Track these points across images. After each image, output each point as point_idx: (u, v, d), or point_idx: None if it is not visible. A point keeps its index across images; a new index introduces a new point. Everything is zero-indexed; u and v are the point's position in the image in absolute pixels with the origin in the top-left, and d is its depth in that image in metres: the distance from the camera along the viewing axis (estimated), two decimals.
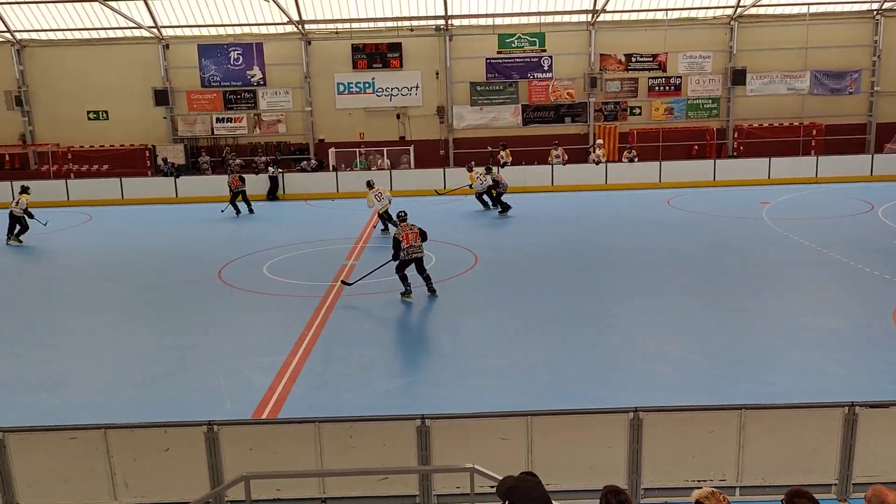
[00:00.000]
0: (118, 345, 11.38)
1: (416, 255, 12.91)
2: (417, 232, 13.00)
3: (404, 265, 12.97)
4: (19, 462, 6.72)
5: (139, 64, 28.42)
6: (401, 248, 12.81)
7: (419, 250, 12.95)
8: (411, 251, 12.86)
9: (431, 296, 13.08)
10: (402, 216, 13.63)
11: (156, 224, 21.77)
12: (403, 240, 12.82)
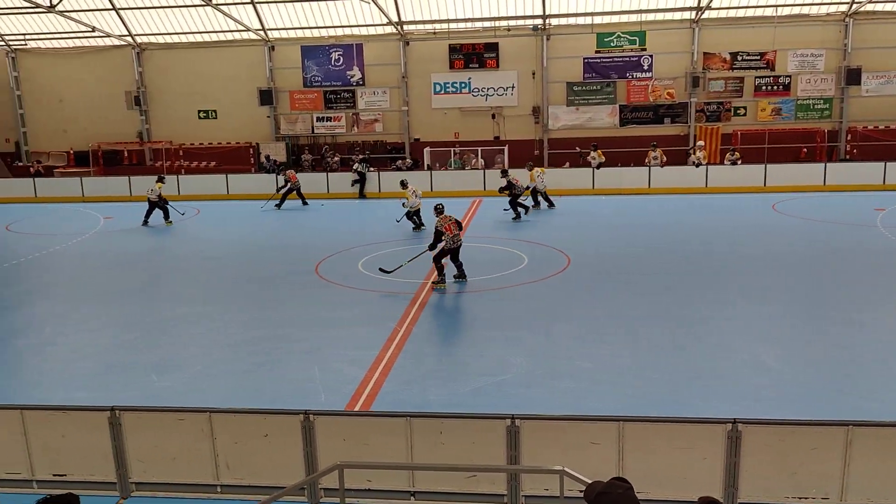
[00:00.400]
0: (222, 333, 11.92)
1: (459, 244, 13.73)
2: (456, 222, 13.83)
3: (445, 254, 13.71)
4: (132, 439, 7.16)
5: (246, 65, 29.64)
6: (442, 238, 13.54)
7: (460, 239, 13.80)
8: (454, 240, 13.65)
9: (461, 281, 13.94)
10: (440, 208, 14.37)
11: (258, 218, 22.63)
12: (446, 231, 13.54)
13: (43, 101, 30.97)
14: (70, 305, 13.98)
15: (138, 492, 7.23)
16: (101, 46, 30.06)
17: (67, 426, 7.25)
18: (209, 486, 7.13)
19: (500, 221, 20.87)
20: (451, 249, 13.67)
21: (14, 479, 7.35)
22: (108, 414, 7.12)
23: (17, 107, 31.06)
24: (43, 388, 9.74)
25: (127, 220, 23.14)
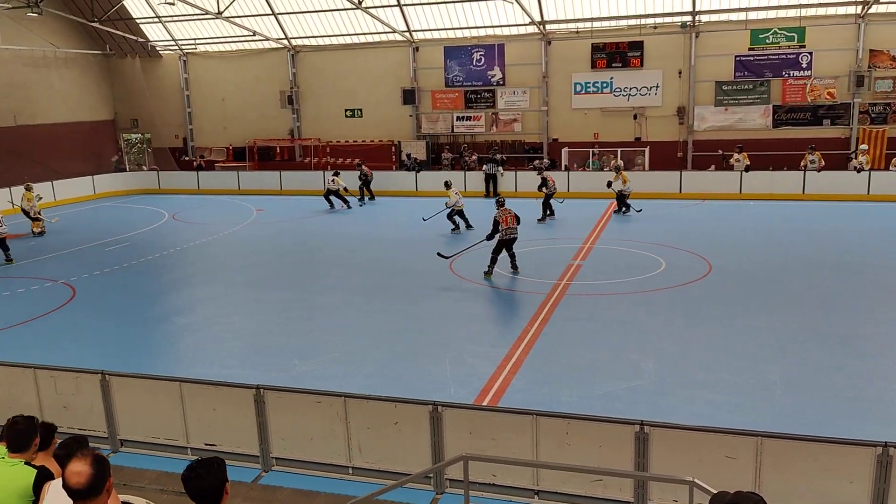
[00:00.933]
0: (361, 323, 12.43)
1: (513, 236, 14.63)
2: (514, 216, 14.70)
3: (502, 244, 14.62)
4: (274, 417, 7.64)
5: (391, 65, 30.61)
6: (499, 229, 14.49)
7: (515, 231, 14.68)
8: (509, 232, 14.56)
9: (514, 272, 14.82)
10: (501, 201, 15.48)
11: (399, 215, 23.29)
12: (503, 222, 14.50)
13: (207, 100, 33.47)
14: (225, 290, 15.06)
15: (278, 466, 7.71)
16: (260, 49, 32.05)
17: (218, 400, 7.85)
18: (341, 466, 7.48)
19: (636, 225, 20.33)
20: (505, 240, 14.59)
21: (172, 444, 8.05)
22: (253, 392, 7.63)
23: (186, 106, 33.75)
24: (199, 364, 10.57)
25: (277, 213, 24.60)
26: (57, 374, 8.41)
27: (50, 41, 29.51)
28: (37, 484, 4.35)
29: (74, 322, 13.16)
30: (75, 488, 3.15)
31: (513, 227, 14.65)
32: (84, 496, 3.18)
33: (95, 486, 3.19)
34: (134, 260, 17.92)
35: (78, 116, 31.78)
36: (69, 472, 3.16)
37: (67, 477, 3.16)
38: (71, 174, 29.03)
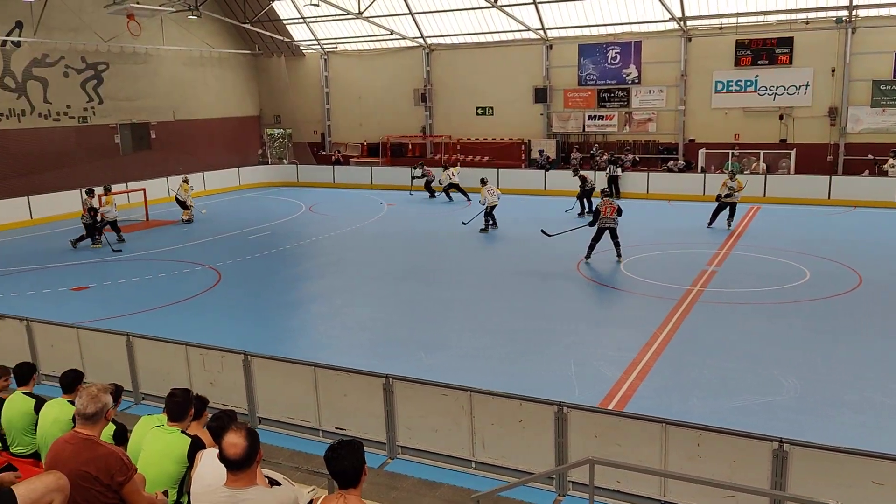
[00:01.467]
0: (486, 319, 12.53)
1: (610, 226, 15.86)
2: (616, 207, 15.94)
3: (601, 233, 15.91)
4: (401, 407, 7.86)
5: (523, 64, 30.54)
6: (599, 218, 15.85)
7: (613, 222, 15.87)
8: (606, 221, 15.85)
9: (618, 260, 15.85)
10: (607, 192, 17.31)
11: (526, 212, 23.22)
12: (603, 212, 15.82)
13: (345, 97, 34.74)
14: (356, 281, 15.62)
15: (403, 454, 7.92)
16: (396, 48, 32.90)
17: (349, 387, 8.16)
18: (465, 460, 7.59)
19: (778, 231, 19.22)
20: (604, 228, 15.87)
21: (306, 426, 8.46)
22: (382, 381, 7.89)
23: (325, 103, 35.21)
24: (330, 350, 11.02)
25: (407, 208, 25.20)
26: (205, 353, 9.05)
27: (207, 42, 31.64)
28: (191, 451, 4.71)
29: (220, 304, 14.09)
30: (232, 459, 3.40)
31: (611, 217, 15.87)
32: (238, 466, 3.42)
33: (249, 458, 3.42)
34: (273, 248, 18.92)
35: (228, 112, 33.89)
36: (226, 444, 3.41)
37: (225, 448, 3.41)
38: (219, 166, 31.10)
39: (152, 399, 9.55)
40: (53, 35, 25.38)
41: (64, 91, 26.40)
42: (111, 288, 15.37)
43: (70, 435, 4.04)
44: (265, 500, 3.49)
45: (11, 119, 24.71)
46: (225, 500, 3.46)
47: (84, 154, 26.98)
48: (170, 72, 30.60)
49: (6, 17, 24.06)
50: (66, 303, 14.15)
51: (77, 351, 9.92)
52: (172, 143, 30.52)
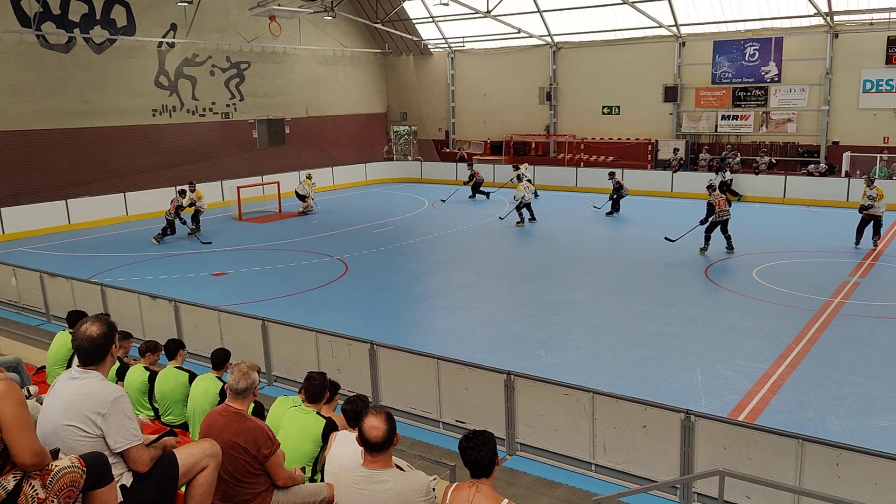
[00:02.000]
0: (608, 322, 12.33)
1: (725, 218, 16.69)
2: (726, 199, 17.11)
3: (713, 226, 16.73)
4: (521, 404, 7.89)
5: (653, 62, 29.68)
6: (714, 212, 16.54)
7: (727, 214, 16.76)
8: (721, 214, 16.65)
9: (728, 251, 16.78)
10: (713, 185, 17.75)
11: (652, 215, 22.61)
12: (717, 205, 16.59)
13: (470, 95, 35.06)
14: (477, 277, 15.76)
15: (522, 452, 7.96)
16: (523, 46, 32.83)
17: (471, 381, 8.28)
18: (584, 462, 7.53)
19: None
20: (718, 222, 16.67)
21: (427, 416, 8.66)
22: (504, 377, 7.95)
23: (450, 100, 35.68)
24: (451, 344, 11.20)
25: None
26: (334, 340, 9.44)
27: (340, 42, 32.84)
28: (325, 432, 4.95)
29: (347, 294, 14.63)
30: (373, 441, 3.56)
31: (725, 209, 16.74)
32: (378, 448, 3.58)
33: (388, 441, 3.58)
34: (397, 243, 19.42)
35: (357, 109, 35.03)
36: (367, 426, 3.58)
37: (366, 431, 3.57)
38: (347, 161, 32.23)
39: (283, 381, 10.07)
40: (202, 36, 27.14)
41: (210, 88, 28.19)
42: (247, 275, 16.30)
43: (222, 408, 4.35)
44: (401, 483, 3.63)
45: (164, 114, 26.65)
46: (363, 480, 3.62)
47: (225, 147, 28.72)
48: (305, 70, 31.99)
49: (162, 20, 25.96)
50: (207, 287, 15.14)
51: (217, 332, 10.60)
52: (305, 139, 31.92)
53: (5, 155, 22.04)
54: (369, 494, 3.59)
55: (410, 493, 3.60)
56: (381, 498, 3.57)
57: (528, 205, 21.59)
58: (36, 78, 22.80)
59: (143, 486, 3.63)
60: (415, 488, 3.62)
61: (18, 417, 3.00)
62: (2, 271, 14.33)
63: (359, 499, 3.61)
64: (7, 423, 2.95)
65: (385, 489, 3.58)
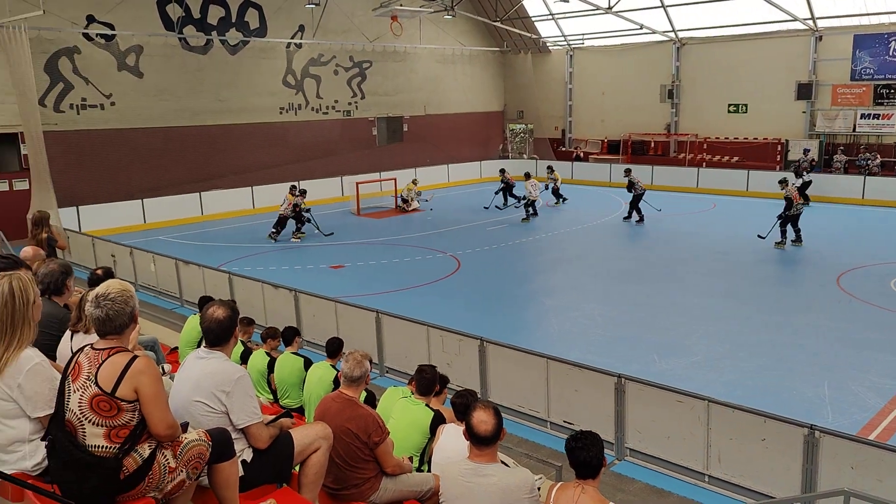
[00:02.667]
0: (726, 329, 11.83)
1: (799, 212, 17.26)
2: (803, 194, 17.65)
3: (789, 219, 17.27)
4: (632, 408, 7.72)
5: (786, 57, 28.09)
6: (792, 206, 17.02)
7: (802, 208, 17.44)
8: (798, 208, 17.25)
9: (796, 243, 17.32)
10: (784, 181, 17.97)
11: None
12: (794, 199, 17.11)
13: (588, 94, 34.47)
14: (589, 278, 15.53)
15: (630, 457, 7.78)
16: (645, 43, 31.93)
17: (581, 382, 8.18)
18: (697, 472, 7.27)
19: None
20: (794, 215, 17.18)
21: (535, 415, 8.63)
22: (615, 380, 7.80)
23: (568, 99, 35.23)
24: (562, 344, 11.09)
25: (646, 208, 24.40)
26: (445, 335, 9.58)
27: (459, 40, 33.16)
28: (433, 425, 5.05)
29: (458, 290, 14.79)
30: (481, 435, 3.61)
31: (800, 202, 17.49)
32: (485, 442, 3.62)
33: (496, 435, 3.62)
34: (509, 241, 19.43)
35: (474, 107, 35.24)
36: (476, 420, 3.63)
37: (475, 424, 3.63)
38: (462, 159, 32.51)
39: (394, 373, 10.32)
40: (328, 37, 28.14)
41: (333, 87, 29.19)
42: (363, 268, 16.79)
43: (336, 394, 4.53)
44: (507, 478, 3.65)
45: (290, 112, 27.86)
46: (469, 472, 3.67)
47: (346, 145, 29.67)
48: (424, 69, 32.52)
49: (292, 22, 27.13)
50: (325, 278, 15.72)
51: (334, 321, 11.00)
52: (422, 136, 32.46)
53: (147, 150, 23.72)
54: (474, 487, 3.63)
55: (515, 489, 3.61)
56: (486, 492, 3.61)
57: (533, 203, 22.66)
58: (177, 78, 24.40)
59: (261, 462, 3.85)
60: (520, 484, 3.63)
61: (156, 392, 3.25)
62: (142, 258, 15.46)
63: (464, 491, 3.66)
64: (145, 396, 3.21)
65: (490, 483, 3.61)
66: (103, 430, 3.17)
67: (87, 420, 3.16)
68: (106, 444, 3.17)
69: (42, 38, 20.87)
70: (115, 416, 3.17)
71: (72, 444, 3.13)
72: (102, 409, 3.15)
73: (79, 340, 4.34)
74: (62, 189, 20.61)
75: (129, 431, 3.20)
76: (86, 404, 3.16)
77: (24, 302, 3.33)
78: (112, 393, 3.16)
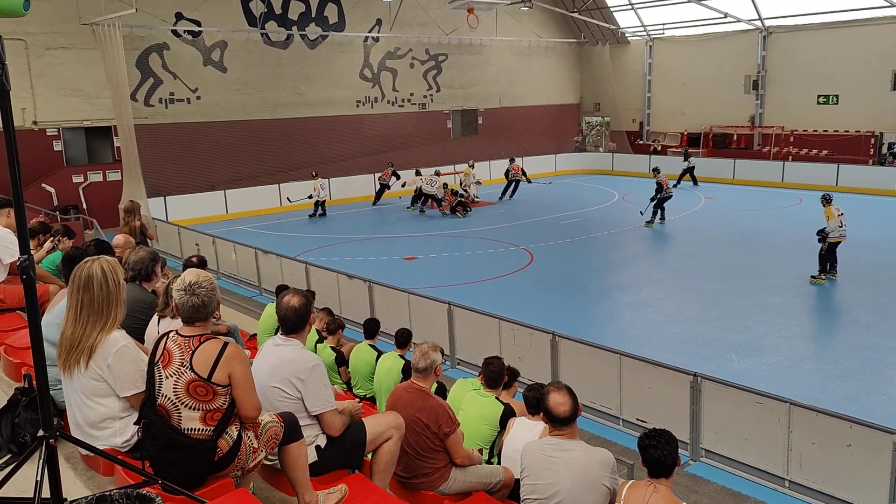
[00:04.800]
0: (812, 329, 11.42)
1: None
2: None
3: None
4: (709, 408, 7.52)
5: (881, 45, 26.63)
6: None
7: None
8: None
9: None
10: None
11: (870, 215, 20.39)
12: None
13: (667, 85, 33.59)
14: (665, 274, 15.18)
15: (706, 458, 7.60)
16: (729, 32, 30.86)
17: (654, 379, 8.02)
18: (777, 477, 7.04)
19: None
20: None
21: (606, 412, 8.53)
22: (690, 378, 7.62)
23: (646, 91, 34.44)
24: (635, 341, 10.88)
25: (727, 202, 23.72)
26: (517, 328, 9.55)
27: (535, 32, 32.85)
28: (503, 418, 5.05)
29: (531, 284, 14.71)
30: (561, 416, 3.67)
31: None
32: (565, 422, 3.70)
33: (574, 414, 3.69)
34: (584, 235, 19.18)
35: (549, 100, 34.90)
36: (553, 403, 3.69)
37: (552, 407, 3.70)
38: (538, 152, 32.25)
39: (465, 365, 10.35)
40: (404, 30, 28.36)
41: (409, 80, 29.43)
42: (436, 260, 16.91)
43: (407, 384, 4.59)
44: (589, 455, 3.73)
45: (366, 105, 28.26)
46: (552, 448, 3.74)
47: (421, 137, 29.87)
48: (499, 61, 32.39)
49: (369, 16, 27.48)
50: (398, 270, 15.89)
51: (406, 313, 11.12)
52: (497, 129, 32.37)
53: (228, 142, 24.50)
54: (557, 461, 3.68)
55: (597, 465, 3.67)
56: (568, 466, 3.67)
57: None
58: (258, 72, 25.09)
59: (334, 449, 3.95)
60: (602, 462, 3.69)
61: (247, 377, 3.39)
62: (224, 247, 16.00)
63: (546, 465, 3.72)
64: (238, 381, 3.34)
65: (573, 458, 3.66)
66: (199, 413, 3.31)
67: (183, 404, 3.30)
68: (202, 426, 3.31)
69: (134, 35, 21.82)
70: (211, 399, 3.31)
71: (168, 427, 3.28)
72: (199, 394, 3.29)
73: (165, 325, 4.54)
74: (151, 180, 21.55)
75: (222, 414, 3.34)
76: (182, 389, 3.29)
77: (115, 284, 3.50)
78: (208, 378, 3.29)
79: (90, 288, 3.46)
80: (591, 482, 3.59)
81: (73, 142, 22.04)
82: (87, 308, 3.46)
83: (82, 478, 3.75)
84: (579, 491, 3.59)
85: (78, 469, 3.84)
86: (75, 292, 3.49)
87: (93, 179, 21.84)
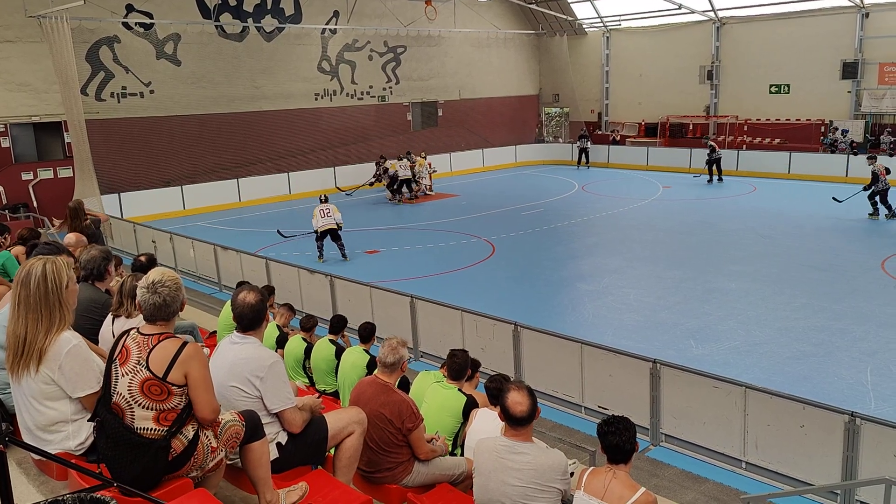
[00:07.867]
0: (766, 314, 11.64)
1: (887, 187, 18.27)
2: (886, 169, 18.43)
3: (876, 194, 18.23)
4: (668, 393, 7.66)
5: (830, 36, 27.30)
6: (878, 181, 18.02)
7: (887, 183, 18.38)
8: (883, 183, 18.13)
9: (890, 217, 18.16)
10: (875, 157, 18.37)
11: (820, 202, 20.95)
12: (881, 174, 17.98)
13: (624, 76, 33.95)
14: (626, 262, 15.38)
15: (666, 443, 7.73)
16: (683, 23, 31.29)
17: (615, 367, 8.13)
18: (733, 458, 7.20)
19: None
20: (880, 191, 18.12)
21: (569, 400, 8.62)
22: (650, 365, 7.74)
23: (604, 81, 34.77)
24: (595, 329, 11.02)
25: (683, 191, 24.12)
26: (479, 319, 9.59)
27: (493, 24, 32.89)
28: (466, 409, 5.07)
29: (493, 275, 14.78)
30: (518, 415, 3.64)
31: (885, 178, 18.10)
32: (522, 423, 3.66)
33: (531, 415, 3.65)
34: (545, 225, 19.32)
35: (508, 91, 34.99)
36: (511, 402, 3.65)
37: (510, 406, 3.65)
38: (498, 143, 32.35)
39: (429, 357, 10.37)
40: (362, 22, 28.14)
41: (368, 72, 29.24)
42: (398, 253, 16.87)
43: (371, 379, 4.58)
44: (540, 458, 3.68)
45: (325, 98, 27.99)
46: (504, 449, 3.71)
47: (381, 130, 29.72)
48: (458, 53, 32.36)
49: (326, 8, 27.19)
50: (361, 263, 15.83)
51: (369, 307, 11.08)
52: (457, 121, 32.37)
53: (183, 137, 24.06)
54: (508, 463, 3.67)
55: (548, 469, 3.64)
56: (519, 469, 3.64)
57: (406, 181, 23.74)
58: (213, 65, 24.66)
59: (296, 446, 3.92)
60: (553, 466, 3.65)
61: (204, 378, 3.34)
62: (182, 243, 15.74)
63: (497, 466, 3.70)
64: (195, 381, 3.29)
65: (524, 461, 3.64)
66: (153, 413, 3.26)
67: (137, 403, 3.25)
68: (154, 426, 3.26)
69: (83, 28, 21.26)
70: (165, 399, 3.26)
71: (121, 426, 3.23)
72: (153, 393, 3.24)
73: (120, 325, 4.45)
74: (104, 176, 21.06)
75: (177, 415, 3.29)
76: (136, 388, 3.24)
77: (56, 285, 3.42)
78: (164, 377, 3.24)
79: (27, 285, 3.41)
80: (541, 486, 3.61)
81: (22, 138, 21.40)
82: (23, 304, 3.40)
83: (35, 483, 3.67)
84: (530, 493, 3.61)
85: (30, 474, 3.75)
86: (15, 287, 3.47)
87: (43, 176, 21.27)
